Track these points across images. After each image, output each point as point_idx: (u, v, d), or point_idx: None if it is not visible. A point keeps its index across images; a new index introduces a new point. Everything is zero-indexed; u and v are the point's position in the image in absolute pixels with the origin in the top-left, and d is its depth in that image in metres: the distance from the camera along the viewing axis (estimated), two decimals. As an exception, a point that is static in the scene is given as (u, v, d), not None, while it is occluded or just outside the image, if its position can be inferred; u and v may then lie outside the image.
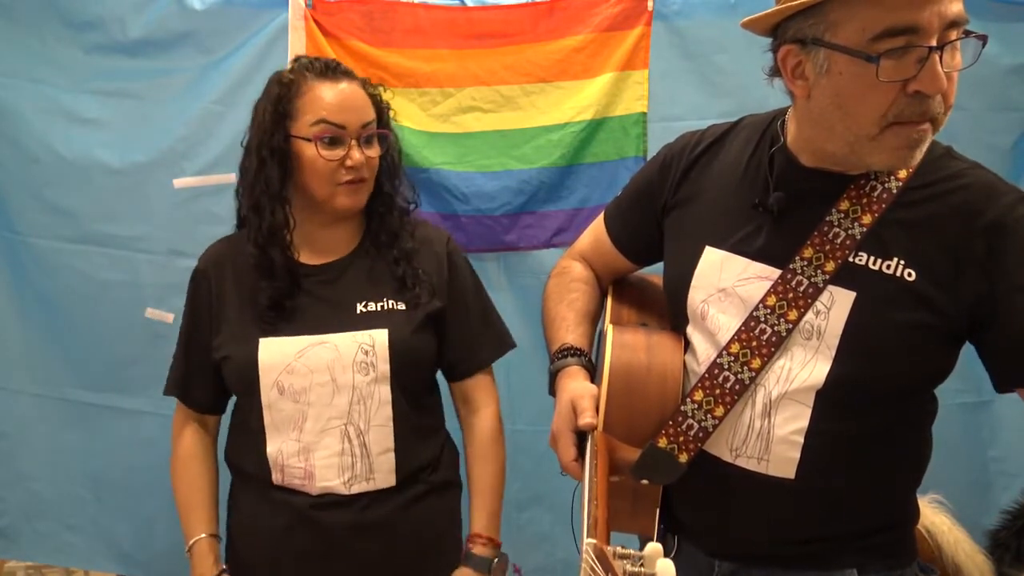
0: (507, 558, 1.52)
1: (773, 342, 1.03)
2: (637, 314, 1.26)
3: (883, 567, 1.07)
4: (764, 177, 1.08)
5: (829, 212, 1.02)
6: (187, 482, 1.49)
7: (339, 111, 1.36)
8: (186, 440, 1.50)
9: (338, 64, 1.43)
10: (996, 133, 1.96)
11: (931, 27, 0.88)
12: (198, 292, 1.46)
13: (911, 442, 1.08)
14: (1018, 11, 1.94)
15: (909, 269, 0.98)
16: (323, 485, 1.38)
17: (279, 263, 1.39)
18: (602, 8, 2.01)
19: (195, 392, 1.49)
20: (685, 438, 1.05)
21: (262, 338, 1.38)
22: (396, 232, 1.46)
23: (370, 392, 1.38)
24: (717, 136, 1.19)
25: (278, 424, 1.38)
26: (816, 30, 0.94)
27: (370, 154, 1.39)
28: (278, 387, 1.37)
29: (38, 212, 2.00)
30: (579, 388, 1.12)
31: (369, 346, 1.38)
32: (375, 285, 1.43)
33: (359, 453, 1.39)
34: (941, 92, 0.91)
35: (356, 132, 1.37)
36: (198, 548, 1.44)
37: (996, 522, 1.91)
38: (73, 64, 1.98)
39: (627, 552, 0.74)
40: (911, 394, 1.05)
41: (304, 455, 1.38)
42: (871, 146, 0.95)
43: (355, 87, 1.40)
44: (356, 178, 1.38)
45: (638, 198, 1.27)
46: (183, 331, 1.49)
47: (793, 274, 1.03)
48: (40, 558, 2.21)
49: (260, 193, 1.38)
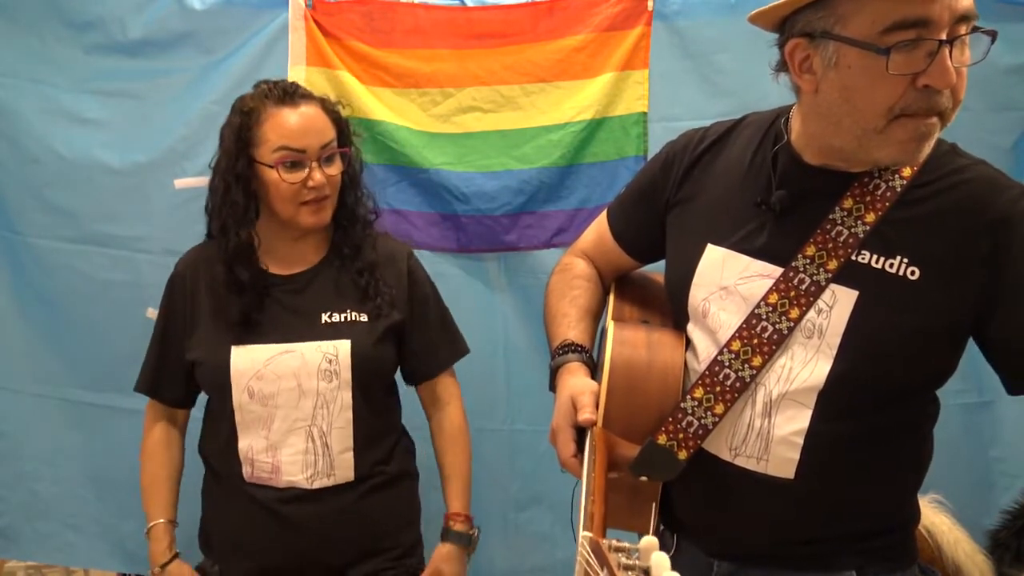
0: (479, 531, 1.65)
1: (774, 340, 1.02)
2: (639, 311, 1.26)
3: (883, 569, 1.07)
4: (767, 175, 1.08)
5: (832, 210, 1.02)
6: (151, 471, 1.61)
7: (299, 136, 1.46)
8: (154, 430, 1.63)
9: (296, 88, 1.52)
10: (996, 133, 1.96)
11: (942, 20, 0.88)
12: (173, 295, 1.57)
13: (912, 444, 1.07)
14: (1018, 11, 1.94)
15: (912, 267, 0.98)
16: (288, 480, 1.50)
17: (247, 280, 1.49)
18: (602, 8, 2.01)
19: (166, 388, 1.60)
20: (685, 435, 1.05)
21: (234, 346, 1.48)
22: (359, 244, 1.56)
23: (333, 397, 1.50)
24: (720, 134, 1.18)
25: (248, 423, 1.50)
26: (825, 23, 0.94)
27: (331, 172, 1.49)
28: (248, 391, 1.48)
29: (38, 212, 2.00)
30: (579, 384, 1.12)
31: (333, 355, 1.49)
32: (339, 296, 1.53)
33: (321, 452, 1.50)
34: (950, 86, 0.90)
35: (316, 154, 1.47)
36: (155, 532, 1.58)
37: (996, 522, 1.91)
38: (73, 64, 1.98)
39: (622, 545, 0.74)
40: (912, 395, 1.05)
41: (272, 451, 1.50)
42: (878, 140, 0.95)
43: (314, 109, 1.49)
44: (318, 196, 1.48)
45: (641, 195, 1.27)
46: (157, 331, 1.60)
47: (795, 272, 1.02)
48: (40, 558, 2.21)
49: (227, 216, 1.49)
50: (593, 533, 0.84)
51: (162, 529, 1.57)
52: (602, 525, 0.91)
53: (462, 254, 2.06)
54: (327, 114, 1.51)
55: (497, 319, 2.07)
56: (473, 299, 2.03)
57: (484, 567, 2.08)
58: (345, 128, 1.55)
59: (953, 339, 1.01)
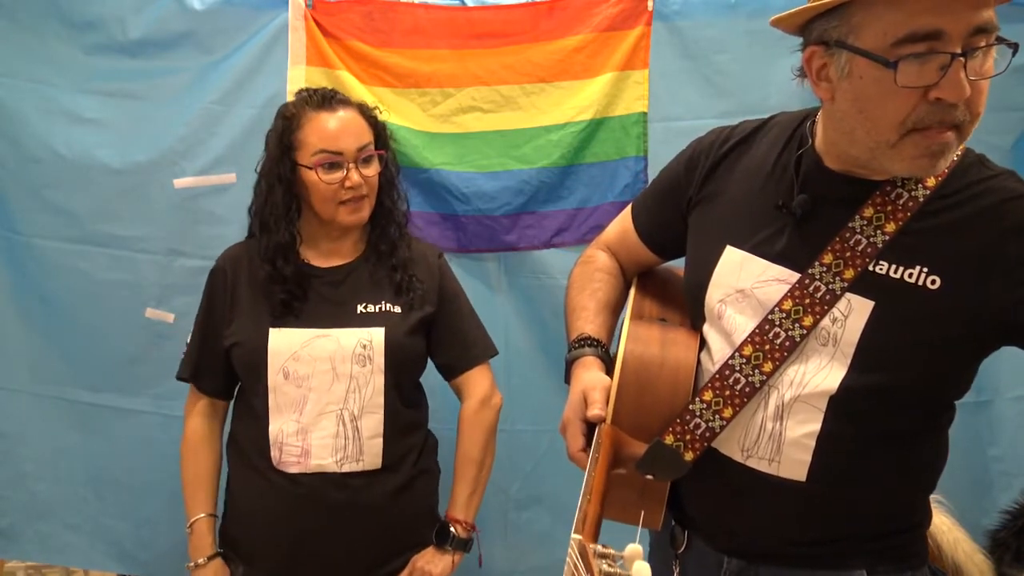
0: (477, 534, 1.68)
1: (786, 347, 1.02)
2: (659, 308, 1.26)
3: (893, 568, 1.07)
4: (790, 178, 1.07)
5: (852, 218, 1.01)
6: (194, 463, 1.64)
7: (336, 139, 1.53)
8: (195, 422, 1.65)
9: (335, 94, 1.60)
10: (996, 133, 1.96)
11: (955, 33, 0.86)
12: (215, 285, 1.63)
13: (925, 448, 1.07)
14: (1018, 11, 1.94)
15: (933, 276, 0.97)
16: (317, 463, 1.53)
17: (289, 273, 1.56)
18: (602, 8, 2.01)
19: (206, 377, 1.64)
20: (692, 436, 1.05)
21: (272, 328, 1.54)
22: (395, 242, 1.64)
23: (366, 382, 1.55)
24: (746, 133, 1.17)
25: (281, 406, 1.54)
26: (839, 32, 0.93)
27: (368, 173, 1.56)
28: (284, 372, 1.53)
29: (38, 212, 1.99)
30: (592, 379, 1.12)
31: (367, 341, 1.55)
32: (375, 289, 1.60)
33: (351, 436, 1.54)
34: (963, 99, 0.89)
35: (353, 156, 1.54)
36: (198, 527, 1.60)
37: (996, 522, 1.91)
38: (73, 64, 1.98)
39: (608, 552, 0.75)
40: (928, 403, 1.04)
41: (302, 435, 1.53)
42: (891, 153, 0.94)
43: (351, 113, 1.57)
44: (355, 196, 1.56)
45: (665, 192, 1.26)
46: (198, 321, 1.65)
47: (811, 279, 1.01)
48: (40, 558, 2.20)
49: (268, 215, 1.57)
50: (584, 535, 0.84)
51: (205, 524, 1.60)
52: (595, 526, 0.91)
53: (462, 254, 2.06)
54: (364, 118, 1.58)
55: (497, 319, 2.07)
56: (473, 299, 2.01)
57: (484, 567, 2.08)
58: (382, 132, 1.63)
59: (974, 349, 1.00)
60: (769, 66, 1.95)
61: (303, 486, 1.53)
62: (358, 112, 1.58)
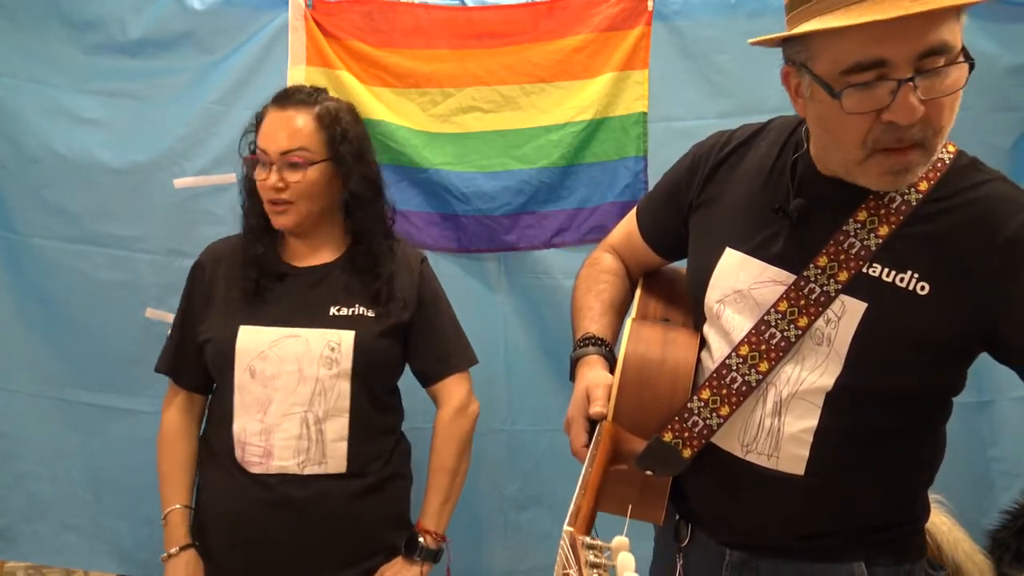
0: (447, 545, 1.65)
1: (782, 347, 1.04)
2: (663, 309, 1.29)
3: (891, 560, 1.09)
4: (786, 182, 1.09)
5: (846, 222, 1.03)
6: (170, 455, 1.63)
7: (265, 137, 1.51)
8: (171, 415, 1.64)
9: (297, 91, 1.56)
10: (996, 133, 1.96)
11: (900, 60, 0.89)
12: (194, 281, 1.62)
13: (922, 442, 1.09)
14: (1018, 11, 1.94)
15: (923, 283, 0.99)
16: (279, 464, 1.51)
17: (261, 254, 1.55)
18: (602, 8, 2.01)
19: (184, 371, 1.63)
20: (690, 434, 1.07)
21: (242, 325, 1.52)
22: (376, 256, 1.59)
23: (332, 385, 1.52)
24: (746, 137, 1.20)
25: (247, 404, 1.52)
26: (802, 57, 0.97)
27: (291, 179, 1.50)
28: (250, 371, 1.52)
29: (38, 212, 1.99)
30: (595, 377, 1.15)
31: (336, 343, 1.52)
32: (350, 293, 1.57)
33: (315, 439, 1.52)
34: (912, 122, 0.91)
35: (275, 157, 1.50)
36: (172, 517, 1.59)
37: (996, 522, 1.91)
38: (73, 64, 1.98)
39: (595, 543, 0.78)
40: (921, 402, 1.06)
41: (265, 435, 1.52)
42: (859, 170, 0.98)
43: (299, 114, 1.51)
44: (274, 199, 1.51)
45: (668, 195, 1.28)
46: (178, 315, 1.65)
47: (806, 281, 1.04)
48: (39, 558, 2.20)
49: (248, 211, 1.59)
50: (576, 527, 0.88)
51: (179, 515, 1.59)
52: (587, 520, 0.95)
53: (462, 254, 2.06)
54: (318, 124, 1.51)
55: (497, 319, 2.07)
56: (473, 299, 2.03)
57: (484, 567, 2.08)
58: (340, 144, 1.53)
59: (961, 354, 1.02)
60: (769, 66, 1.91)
61: (265, 487, 1.51)
62: (312, 117, 1.51)
